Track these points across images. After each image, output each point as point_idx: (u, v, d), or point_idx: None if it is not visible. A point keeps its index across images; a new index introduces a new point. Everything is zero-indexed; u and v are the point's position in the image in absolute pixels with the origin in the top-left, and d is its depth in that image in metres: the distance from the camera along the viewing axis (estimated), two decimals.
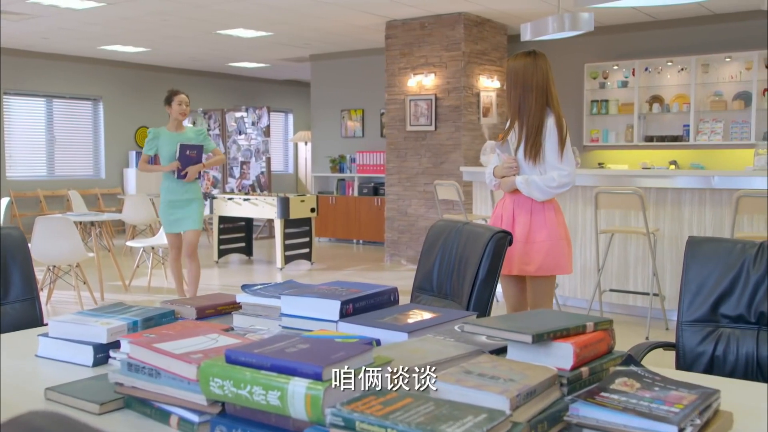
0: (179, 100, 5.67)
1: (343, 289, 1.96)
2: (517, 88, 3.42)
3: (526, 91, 3.42)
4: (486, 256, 2.56)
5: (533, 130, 3.41)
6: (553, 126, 3.43)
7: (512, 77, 3.44)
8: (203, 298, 2.14)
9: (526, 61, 3.46)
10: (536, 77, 3.44)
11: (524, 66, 3.44)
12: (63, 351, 1.80)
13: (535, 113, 3.41)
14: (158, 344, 1.42)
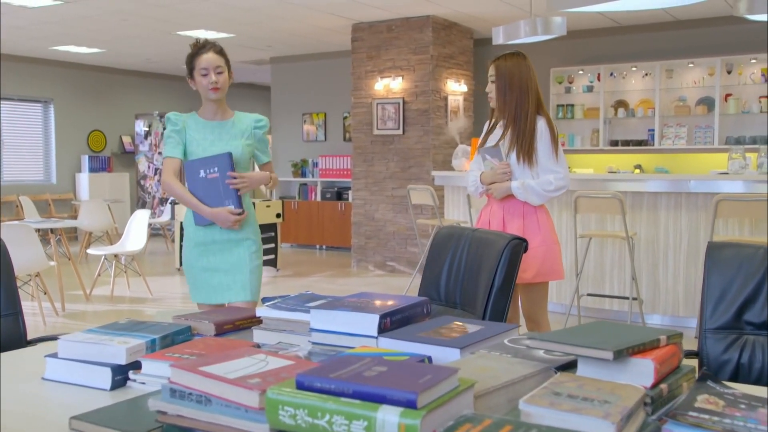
0: (206, 62, 3.08)
1: (374, 301, 1.85)
2: (513, 90, 3.36)
3: (523, 94, 3.37)
4: (501, 264, 2.46)
5: (529, 133, 3.35)
6: (546, 128, 3.39)
7: (507, 79, 3.38)
8: (219, 313, 2.00)
9: (519, 63, 3.41)
10: (531, 79, 3.42)
11: (519, 67, 3.39)
12: (75, 373, 1.64)
13: (530, 116, 3.36)
14: (205, 368, 1.28)
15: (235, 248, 3.22)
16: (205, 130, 3.20)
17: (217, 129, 3.21)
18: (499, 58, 3.45)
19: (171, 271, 8.66)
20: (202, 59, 3.12)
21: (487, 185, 3.46)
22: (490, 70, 3.45)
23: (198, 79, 3.15)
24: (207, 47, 3.16)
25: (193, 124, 3.20)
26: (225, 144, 3.19)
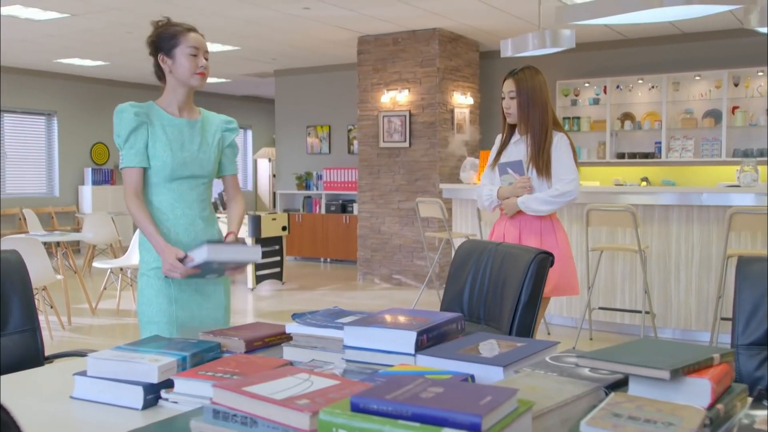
0: (195, 42, 2.57)
1: (407, 317, 1.80)
2: (537, 105, 3.35)
3: (544, 109, 3.37)
4: (528, 279, 2.42)
5: (548, 147, 3.35)
6: (567, 142, 3.40)
7: (530, 94, 3.36)
8: (247, 329, 1.96)
9: (539, 77, 3.42)
10: (548, 94, 3.44)
11: (540, 83, 3.40)
12: (105, 392, 1.60)
13: (550, 130, 3.37)
14: (249, 388, 1.24)
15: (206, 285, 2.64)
16: (172, 129, 2.54)
17: (186, 129, 2.57)
18: (516, 73, 3.40)
19: None
20: (190, 37, 2.56)
21: (504, 200, 3.43)
22: (508, 85, 3.39)
23: (180, 59, 2.52)
24: (193, 28, 2.63)
25: (157, 119, 2.53)
26: (196, 151, 2.58)
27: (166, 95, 2.61)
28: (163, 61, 2.57)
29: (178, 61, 2.55)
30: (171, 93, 2.60)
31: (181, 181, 2.56)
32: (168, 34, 2.57)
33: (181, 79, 2.56)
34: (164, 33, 2.58)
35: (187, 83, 2.57)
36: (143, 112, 2.51)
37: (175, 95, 2.60)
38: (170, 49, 2.55)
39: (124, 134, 2.47)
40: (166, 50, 2.56)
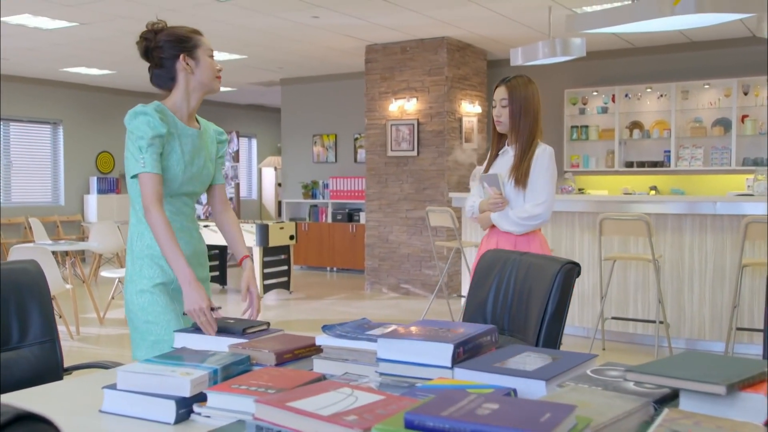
0: (208, 43, 2.47)
1: (441, 329, 1.77)
2: (528, 115, 3.20)
3: (536, 120, 3.23)
4: (555, 290, 2.39)
5: (530, 158, 3.20)
6: (551, 156, 3.24)
7: (523, 103, 3.20)
8: (275, 340, 1.92)
9: (532, 87, 3.27)
10: (540, 104, 3.28)
11: (533, 92, 3.25)
12: (136, 406, 1.56)
13: (536, 142, 3.23)
14: (293, 403, 1.21)
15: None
16: (186, 140, 2.41)
17: (197, 141, 2.45)
18: (509, 81, 3.25)
19: None
20: (204, 39, 2.45)
21: (481, 213, 3.34)
22: (501, 93, 3.24)
23: (204, 59, 2.40)
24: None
25: (174, 128, 2.37)
26: (202, 165, 2.46)
27: (176, 101, 2.42)
28: (186, 62, 2.38)
29: (202, 62, 2.40)
30: (184, 99, 2.42)
31: (183, 196, 2.43)
32: (185, 35, 2.42)
33: (204, 82, 2.42)
34: (181, 34, 2.42)
35: (210, 86, 2.45)
36: (166, 119, 2.34)
37: (189, 102, 2.44)
38: (192, 49, 2.40)
39: (148, 136, 2.26)
40: (189, 50, 2.39)
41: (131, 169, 2.29)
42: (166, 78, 2.40)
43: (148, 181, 2.27)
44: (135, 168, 2.27)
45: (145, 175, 2.26)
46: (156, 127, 2.27)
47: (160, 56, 2.38)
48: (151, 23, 2.44)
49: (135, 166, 2.27)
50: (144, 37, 2.41)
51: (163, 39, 2.39)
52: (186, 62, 2.38)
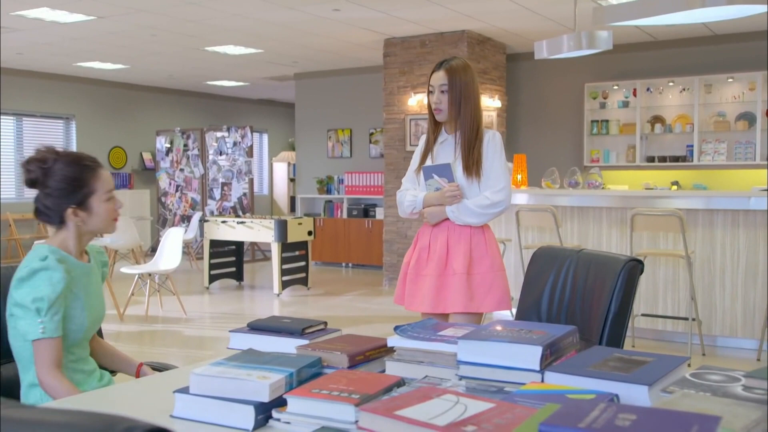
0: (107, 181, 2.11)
1: (521, 329, 1.69)
2: (469, 101, 2.95)
3: (477, 105, 3.00)
4: (619, 287, 2.31)
5: (479, 145, 2.97)
6: (500, 140, 3.03)
7: (463, 88, 2.94)
8: (343, 342, 1.84)
9: (471, 71, 3.01)
10: (479, 89, 3.06)
11: (472, 76, 3.00)
12: (211, 411, 1.49)
13: (481, 128, 3.00)
14: (401, 412, 1.13)
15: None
16: (85, 281, 2.11)
17: (89, 275, 2.14)
18: (448, 65, 2.97)
19: (200, 289, 8.51)
20: (103, 177, 2.09)
21: (427, 207, 3.04)
22: (439, 78, 2.96)
23: (98, 208, 2.07)
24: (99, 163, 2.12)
25: (74, 270, 2.06)
26: (100, 297, 2.20)
27: (68, 244, 2.08)
28: (75, 215, 2.05)
29: (95, 212, 2.07)
30: (76, 241, 2.09)
31: (84, 340, 2.15)
32: (79, 181, 2.04)
33: (97, 229, 2.12)
34: (73, 178, 2.03)
35: (105, 230, 2.15)
36: (67, 266, 2.01)
37: (81, 243, 2.12)
38: (85, 199, 2.06)
39: (51, 299, 1.94)
40: (80, 201, 2.05)
41: (27, 333, 1.95)
42: (54, 220, 2.08)
43: (48, 347, 1.95)
44: (32, 333, 1.95)
45: (44, 341, 1.95)
46: (59, 283, 1.96)
47: (45, 201, 2.06)
48: (39, 156, 2.04)
49: (32, 331, 1.95)
50: (27, 168, 2.04)
51: (52, 183, 2.03)
52: (76, 214, 2.06)
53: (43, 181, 2.03)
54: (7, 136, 11.27)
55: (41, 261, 1.98)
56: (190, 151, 11.79)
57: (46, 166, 2.03)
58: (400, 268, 3.14)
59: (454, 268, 2.94)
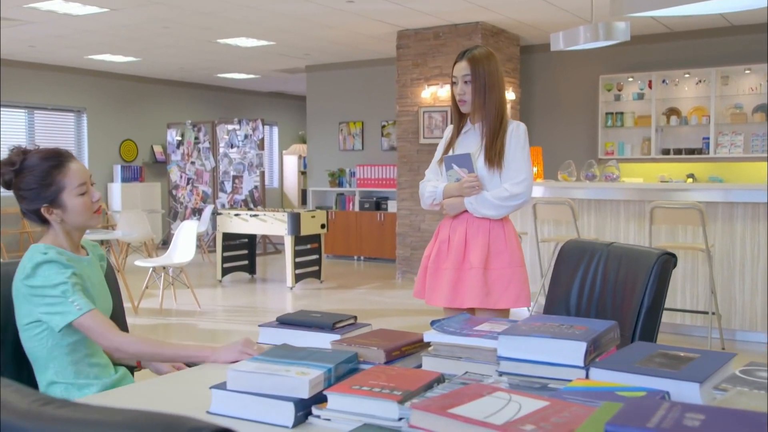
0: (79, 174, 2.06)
1: (561, 325, 1.65)
2: (494, 91, 2.90)
3: (501, 95, 2.93)
4: (652, 281, 2.27)
5: (502, 135, 2.91)
6: (525, 131, 2.95)
7: (487, 78, 2.88)
8: (378, 336, 1.81)
9: (495, 60, 2.95)
10: (503, 78, 2.99)
11: (496, 65, 2.93)
12: (249, 408, 1.46)
13: (506, 118, 2.94)
14: (455, 410, 1.10)
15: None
16: (89, 273, 2.11)
17: (91, 266, 2.16)
18: (471, 54, 2.92)
19: (213, 282, 8.51)
20: (72, 171, 2.04)
21: (447, 198, 2.97)
22: (462, 68, 2.90)
23: (71, 203, 2.03)
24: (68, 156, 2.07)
25: (76, 264, 2.06)
26: (106, 289, 2.20)
27: (59, 240, 2.08)
28: (49, 213, 2.03)
29: (70, 207, 2.04)
30: (65, 237, 2.08)
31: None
32: (44, 180, 2.01)
33: (79, 223, 2.08)
34: (39, 177, 2.00)
35: (88, 224, 2.11)
36: (69, 259, 2.02)
37: (72, 238, 2.11)
38: (54, 197, 2.03)
39: (70, 280, 1.95)
40: (50, 200, 2.02)
41: (60, 322, 1.93)
42: (35, 219, 2.07)
43: (92, 319, 1.93)
44: (70, 314, 1.92)
45: (85, 316, 1.93)
46: (67, 267, 1.97)
47: (21, 205, 2.05)
48: (7, 159, 2.02)
49: (69, 312, 1.93)
50: (1, 172, 2.02)
51: (22, 185, 2.01)
52: (50, 212, 2.04)
53: (16, 183, 2.02)
54: (19, 129, 11.27)
55: (43, 254, 1.97)
56: (201, 143, 11.77)
57: (15, 168, 2.01)
58: (420, 262, 3.10)
59: (471, 262, 2.89)
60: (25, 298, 1.96)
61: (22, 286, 1.96)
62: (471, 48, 2.94)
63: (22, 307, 1.98)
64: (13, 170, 2.01)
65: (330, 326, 1.98)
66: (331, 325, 1.99)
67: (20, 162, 2.01)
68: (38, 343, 1.99)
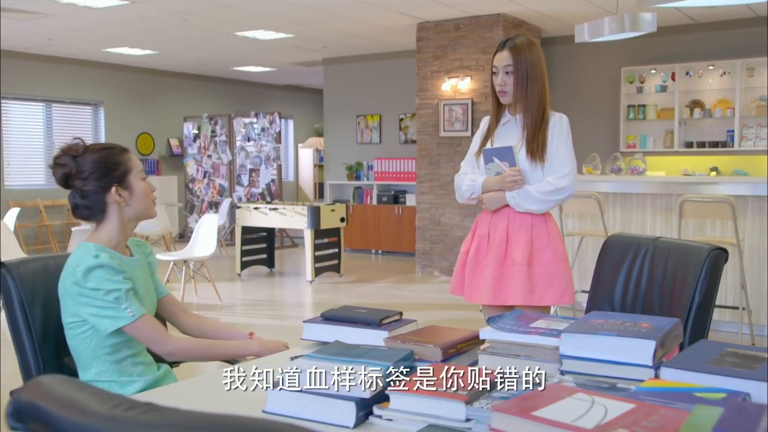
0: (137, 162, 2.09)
1: (628, 323, 1.60)
2: (536, 82, 2.81)
3: (543, 86, 2.83)
4: (703, 278, 2.21)
5: (545, 128, 2.83)
6: (567, 124, 2.87)
7: (530, 68, 2.80)
8: (430, 333, 1.77)
9: (538, 50, 2.86)
10: (545, 68, 2.89)
11: (539, 56, 2.84)
12: (306, 407, 1.42)
13: (548, 109, 2.86)
14: (538, 413, 1.05)
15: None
16: (136, 275, 2.06)
17: (138, 269, 2.10)
18: (512, 43, 2.81)
19: (231, 276, 8.49)
20: (133, 158, 2.06)
21: (487, 192, 2.88)
22: (503, 58, 2.81)
23: (137, 186, 2.03)
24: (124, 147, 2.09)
25: (126, 266, 2.02)
26: (152, 292, 2.15)
27: (112, 236, 2.02)
28: (118, 195, 2.00)
29: (136, 190, 2.03)
30: (120, 232, 2.03)
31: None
32: (114, 161, 2.01)
33: (140, 212, 2.06)
34: (108, 159, 2.00)
35: (147, 215, 2.10)
36: (120, 263, 1.98)
37: (125, 233, 2.06)
38: (123, 177, 2.01)
39: (123, 287, 1.92)
40: (120, 179, 2.01)
41: (110, 326, 1.91)
42: (95, 211, 2.02)
43: (144, 325, 1.94)
44: (122, 320, 1.91)
45: (137, 321, 1.92)
46: (119, 274, 1.93)
47: (84, 188, 1.99)
48: (68, 146, 2.02)
49: (122, 317, 1.91)
50: (59, 162, 2.00)
51: (88, 167, 1.99)
52: (119, 194, 2.01)
53: (78, 169, 1.99)
54: (37, 122, 11.28)
55: (94, 258, 1.92)
56: (217, 137, 11.76)
57: (77, 155, 1.99)
58: (458, 257, 3.04)
59: (514, 259, 2.81)
60: (72, 298, 1.93)
61: (70, 285, 1.93)
62: (512, 37, 2.86)
63: (69, 305, 1.95)
64: (75, 157, 1.98)
65: (377, 322, 1.94)
66: (378, 321, 1.94)
67: (83, 148, 2.00)
68: (81, 342, 1.96)
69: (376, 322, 1.94)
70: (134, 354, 2.02)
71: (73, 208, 2.04)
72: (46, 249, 10.77)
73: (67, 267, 1.95)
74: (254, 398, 1.51)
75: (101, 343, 1.95)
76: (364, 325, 1.95)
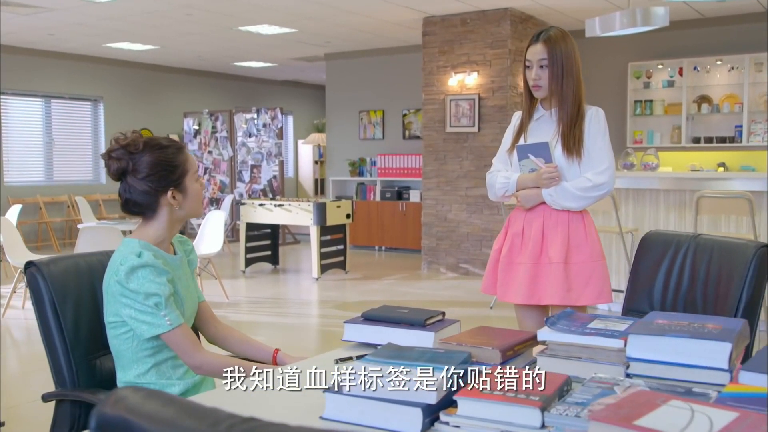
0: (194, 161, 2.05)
1: (695, 323, 1.54)
2: (571, 76, 2.72)
3: (578, 79, 2.74)
4: (750, 276, 2.15)
5: (581, 122, 2.74)
6: (604, 118, 2.78)
7: (565, 61, 2.71)
8: (483, 334, 1.71)
9: (572, 42, 2.76)
10: (580, 62, 2.79)
11: (573, 47, 2.74)
12: (367, 414, 1.35)
13: (583, 103, 2.77)
14: (640, 422, 0.99)
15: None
16: (178, 275, 2.01)
17: (180, 267, 2.05)
18: (547, 35, 2.73)
19: (236, 273, 8.42)
20: (191, 157, 2.01)
21: (522, 189, 2.78)
22: (538, 51, 2.73)
23: (192, 188, 1.99)
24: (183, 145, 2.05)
25: (168, 266, 1.95)
26: (193, 291, 2.11)
27: (159, 234, 1.97)
28: (173, 198, 1.95)
29: (191, 193, 1.99)
30: (167, 230, 1.99)
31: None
32: (173, 162, 1.95)
33: (190, 213, 2.03)
34: (168, 160, 1.94)
35: (196, 215, 2.07)
36: (162, 260, 1.92)
37: (172, 232, 2.02)
38: (180, 179, 1.96)
39: (165, 292, 1.87)
40: (177, 182, 1.96)
41: (147, 332, 1.87)
42: (146, 209, 1.97)
43: (181, 334, 1.89)
44: (160, 327, 1.87)
45: (175, 330, 1.88)
46: (162, 276, 1.88)
47: (141, 189, 1.93)
48: (124, 140, 1.93)
49: (159, 324, 1.86)
50: (114, 156, 1.92)
51: (145, 168, 1.91)
52: (174, 197, 1.96)
53: (134, 167, 1.92)
54: (36, 118, 11.18)
55: (138, 257, 1.87)
56: (218, 133, 11.67)
57: (135, 152, 1.91)
58: (489, 256, 2.96)
59: (550, 257, 2.73)
60: (113, 297, 1.87)
61: (113, 283, 1.87)
62: (546, 29, 2.77)
63: (110, 304, 1.89)
64: (132, 154, 1.90)
65: (422, 322, 1.88)
66: (422, 322, 1.88)
67: (142, 144, 1.91)
68: (123, 343, 1.91)
69: (420, 322, 1.88)
70: (174, 356, 1.96)
71: (123, 203, 1.98)
72: (46, 246, 10.68)
73: (111, 264, 1.89)
74: (308, 403, 1.45)
75: (142, 345, 1.89)
76: (408, 326, 1.89)
